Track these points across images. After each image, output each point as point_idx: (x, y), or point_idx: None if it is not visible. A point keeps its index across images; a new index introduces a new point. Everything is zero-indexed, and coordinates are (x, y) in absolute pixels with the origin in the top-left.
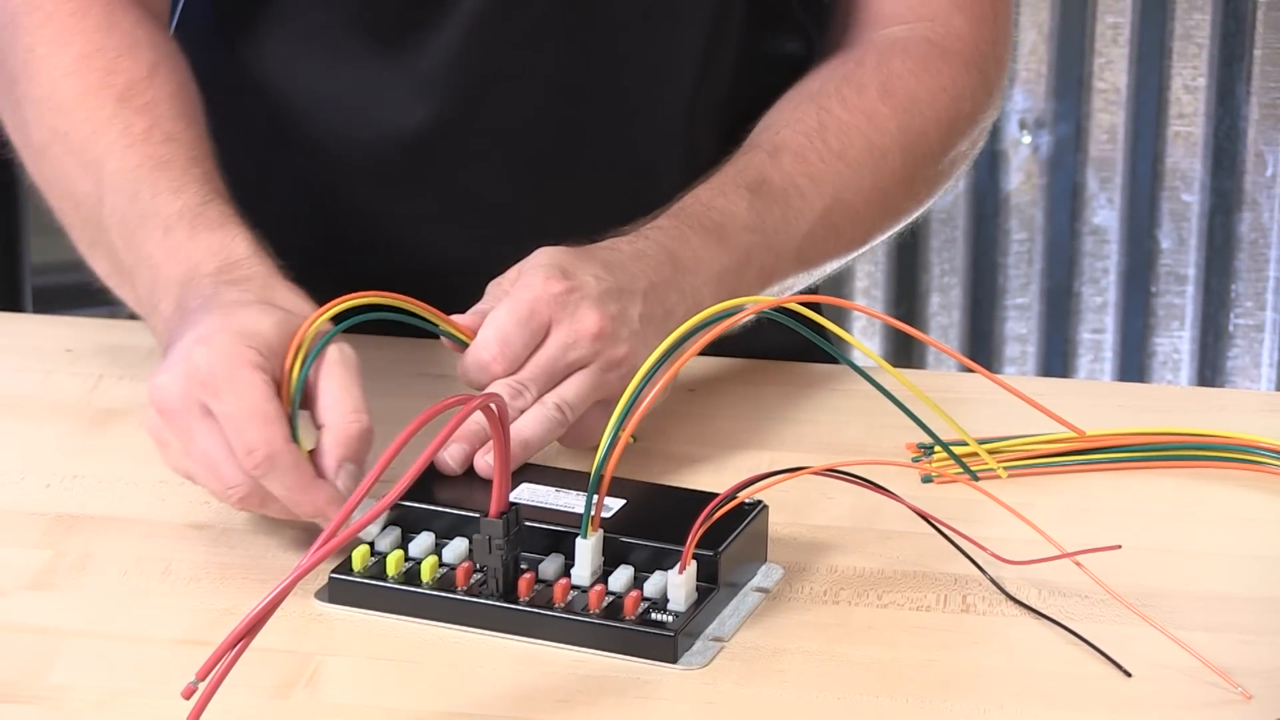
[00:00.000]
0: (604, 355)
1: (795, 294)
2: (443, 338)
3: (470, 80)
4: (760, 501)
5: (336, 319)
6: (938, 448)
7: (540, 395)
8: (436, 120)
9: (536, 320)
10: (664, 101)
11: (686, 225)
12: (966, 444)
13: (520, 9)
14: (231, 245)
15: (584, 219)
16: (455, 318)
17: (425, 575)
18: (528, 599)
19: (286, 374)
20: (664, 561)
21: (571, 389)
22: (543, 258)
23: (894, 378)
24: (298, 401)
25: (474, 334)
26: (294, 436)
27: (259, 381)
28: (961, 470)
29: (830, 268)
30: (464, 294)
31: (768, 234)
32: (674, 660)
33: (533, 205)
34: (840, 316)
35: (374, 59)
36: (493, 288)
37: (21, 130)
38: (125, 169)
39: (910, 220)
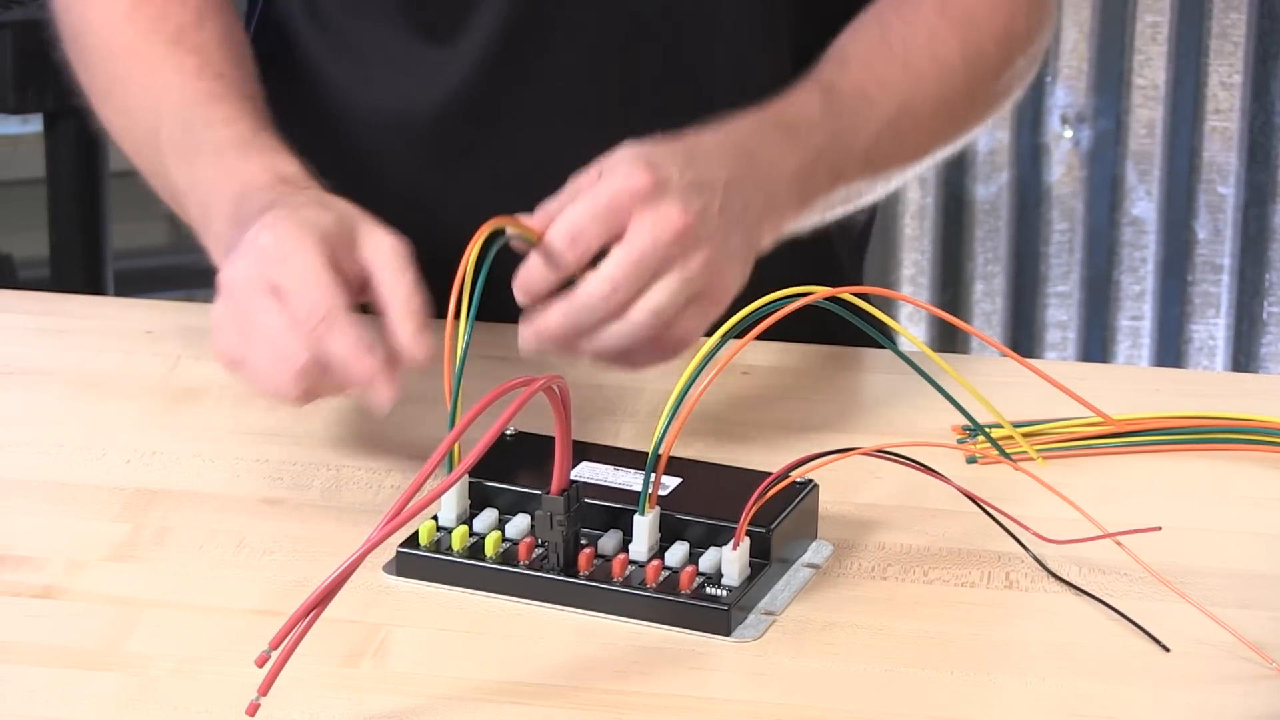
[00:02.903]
0: (688, 254)
1: (846, 287)
2: (510, 238)
3: (513, 53)
4: (811, 480)
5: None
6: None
7: (632, 294)
8: (478, 93)
9: (616, 215)
10: (716, 63)
11: (763, 122)
12: (1004, 428)
13: None
14: (284, 165)
15: None
16: (523, 216)
17: (489, 550)
18: (587, 573)
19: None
20: (718, 538)
21: (662, 294)
22: (628, 150)
23: (937, 363)
24: (469, 329)
25: (542, 234)
26: (459, 371)
27: (322, 254)
28: (1000, 454)
29: (896, 178)
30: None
31: (838, 135)
32: (728, 633)
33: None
34: (887, 303)
35: (418, 36)
36: (571, 187)
37: (88, 79)
38: (179, 103)
39: (969, 137)
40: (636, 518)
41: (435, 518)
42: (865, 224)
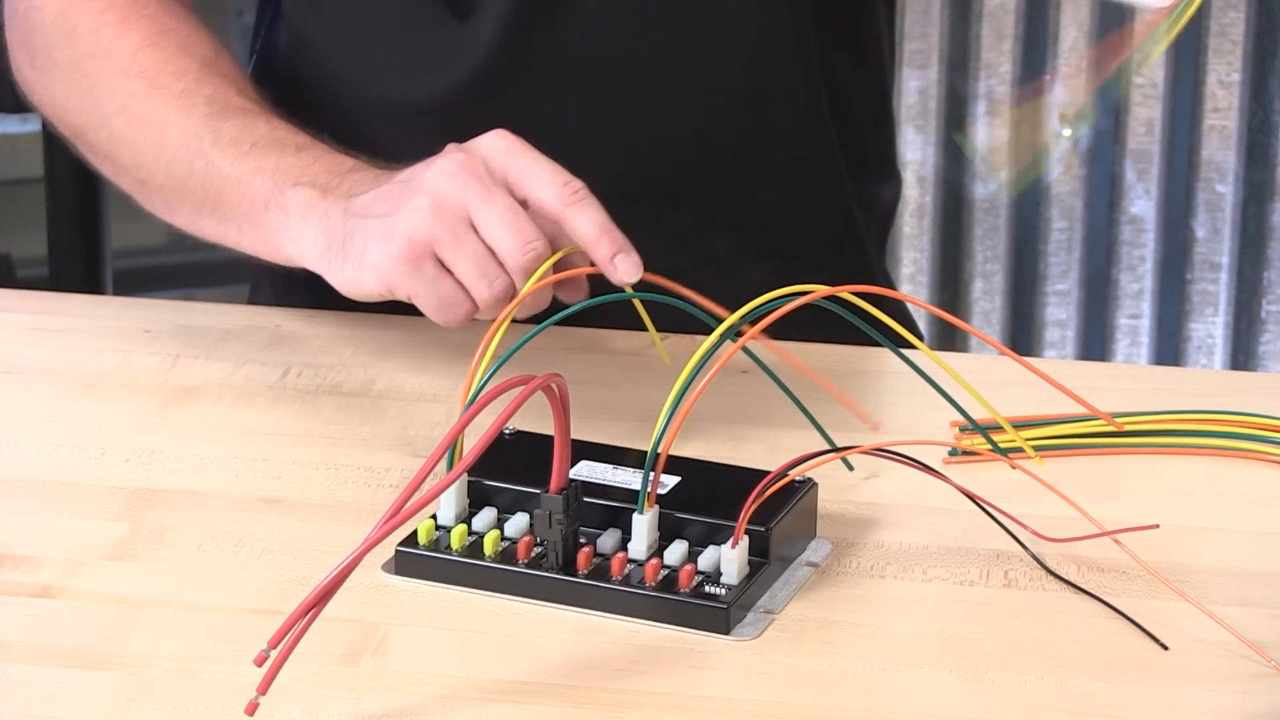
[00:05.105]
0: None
1: (845, 286)
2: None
3: (528, 28)
4: (810, 479)
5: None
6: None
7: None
8: (494, 71)
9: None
10: (734, 36)
11: None
12: (1002, 426)
13: None
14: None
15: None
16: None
17: (488, 549)
18: (586, 572)
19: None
20: (717, 536)
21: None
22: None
23: (936, 362)
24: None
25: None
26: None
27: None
28: (995, 451)
29: None
30: None
31: None
32: (726, 631)
33: (607, 149)
34: (885, 302)
35: (443, 8)
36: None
37: (85, 100)
38: (231, 109)
39: None
40: (635, 516)
41: (434, 517)
42: (890, 200)
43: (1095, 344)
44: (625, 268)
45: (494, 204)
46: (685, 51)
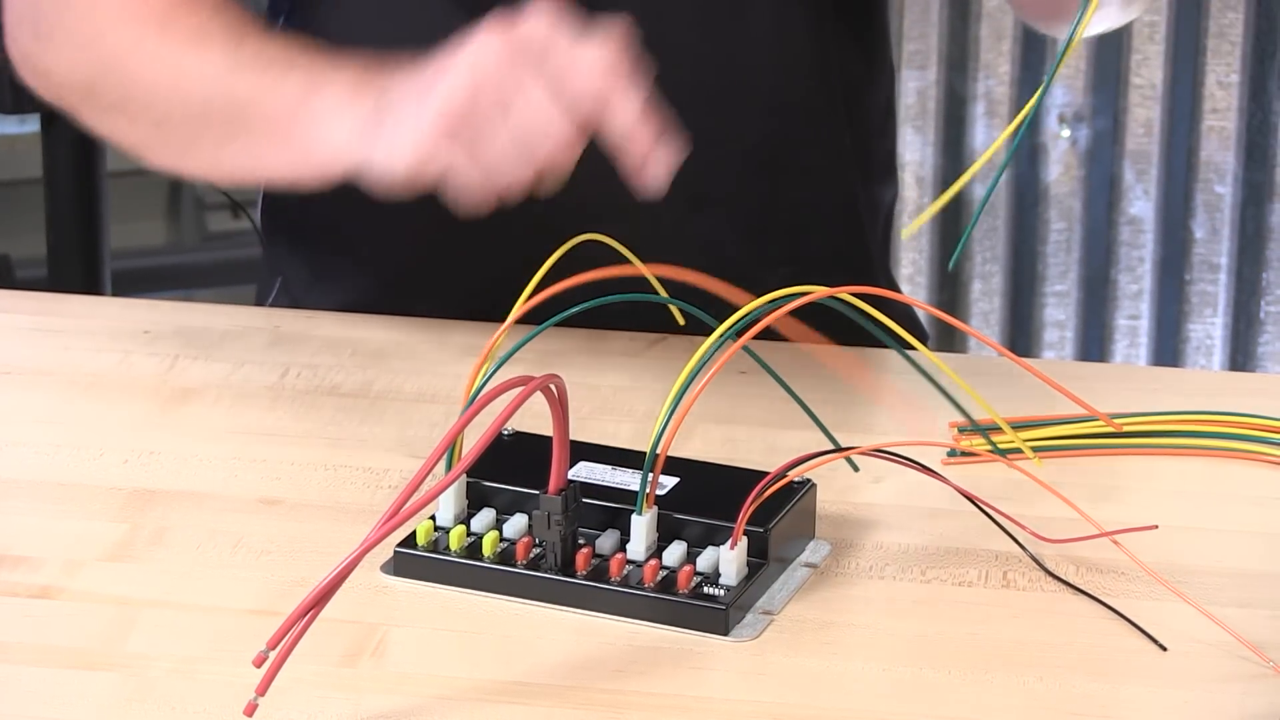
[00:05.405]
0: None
1: (844, 286)
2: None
3: None
4: (809, 480)
5: None
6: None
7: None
8: None
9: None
10: (755, 34)
11: None
12: (1001, 427)
13: None
14: None
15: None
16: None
17: (486, 550)
18: (585, 573)
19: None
20: (716, 537)
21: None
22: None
23: (935, 363)
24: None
25: None
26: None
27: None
28: (994, 452)
29: None
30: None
31: None
32: (725, 632)
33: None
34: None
35: (444, 28)
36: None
37: (94, 50)
38: (249, 34)
39: None
40: (634, 517)
41: (433, 517)
42: (890, 202)
43: (1094, 345)
44: (654, 174)
45: (530, 91)
46: (707, 58)
